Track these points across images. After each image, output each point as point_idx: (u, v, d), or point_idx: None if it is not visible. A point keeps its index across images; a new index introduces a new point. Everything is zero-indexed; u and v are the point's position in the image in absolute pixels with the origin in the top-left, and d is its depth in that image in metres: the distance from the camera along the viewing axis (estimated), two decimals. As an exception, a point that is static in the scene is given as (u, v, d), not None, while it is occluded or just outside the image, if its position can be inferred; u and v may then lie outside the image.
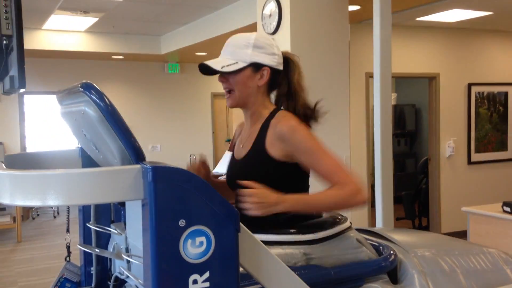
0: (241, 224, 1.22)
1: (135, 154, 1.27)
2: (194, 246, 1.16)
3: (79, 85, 1.30)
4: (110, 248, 1.84)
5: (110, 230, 1.78)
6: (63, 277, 1.91)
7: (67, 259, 1.98)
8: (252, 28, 5.71)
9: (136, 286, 1.59)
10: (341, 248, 1.61)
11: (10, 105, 8.30)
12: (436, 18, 5.90)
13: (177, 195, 1.14)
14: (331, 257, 1.58)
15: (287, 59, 1.76)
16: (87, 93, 1.26)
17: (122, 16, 6.72)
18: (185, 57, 8.86)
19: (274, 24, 4.32)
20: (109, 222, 1.90)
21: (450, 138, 6.67)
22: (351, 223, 1.71)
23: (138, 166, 1.17)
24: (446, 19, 5.93)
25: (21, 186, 1.16)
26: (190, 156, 9.26)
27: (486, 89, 6.92)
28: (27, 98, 8.76)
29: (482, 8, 5.51)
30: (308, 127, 1.68)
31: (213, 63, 1.65)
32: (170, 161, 1.21)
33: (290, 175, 1.65)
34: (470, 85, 6.79)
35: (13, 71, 1.19)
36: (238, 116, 9.32)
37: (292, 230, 1.59)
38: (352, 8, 4.91)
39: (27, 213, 8.41)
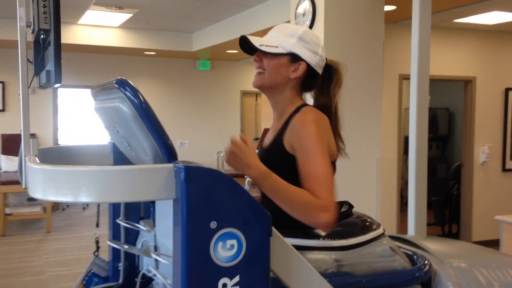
0: (272, 228, 1.18)
1: (168, 152, 1.26)
2: (225, 249, 1.13)
3: (114, 81, 1.29)
4: (139, 244, 1.83)
5: (139, 227, 1.77)
6: (91, 271, 1.91)
7: (96, 253, 1.98)
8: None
9: (164, 284, 1.57)
10: (373, 256, 1.56)
11: (44, 98, 8.46)
12: (475, 20, 5.74)
13: (209, 196, 1.12)
14: (363, 265, 1.53)
15: (332, 68, 1.71)
16: (122, 89, 1.25)
17: (155, 12, 6.76)
18: (215, 55, 8.88)
19: (308, 23, 4.27)
20: (138, 219, 1.89)
21: (485, 143, 6.49)
22: (384, 229, 1.66)
23: (170, 165, 1.15)
24: (484, 21, 5.77)
25: (54, 181, 1.15)
26: (217, 153, 9.29)
27: (524, 94, 6.71)
28: (61, 91, 8.91)
29: (524, 11, 5.34)
30: (324, 127, 1.58)
31: (254, 40, 1.63)
32: (197, 157, 1.19)
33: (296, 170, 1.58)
34: (507, 90, 6.60)
35: (50, 66, 1.19)
36: (267, 114, 9.28)
37: (322, 235, 1.55)
38: (388, 8, 4.81)
39: (57, 204, 8.56)
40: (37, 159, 1.29)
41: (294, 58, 1.63)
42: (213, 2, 6.09)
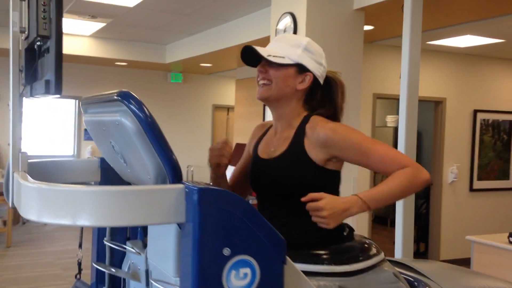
0: (286, 255, 1.11)
1: (173, 171, 1.17)
2: (238, 278, 1.05)
3: (115, 94, 1.20)
4: (125, 267, 1.72)
5: (128, 249, 1.66)
6: (72, 295, 1.79)
7: (78, 276, 1.86)
8: (262, 42, 5.65)
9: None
10: (377, 282, 1.51)
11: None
12: (447, 42, 5.86)
13: (223, 221, 1.04)
14: (367, 291, 1.48)
15: (332, 79, 1.68)
16: (125, 102, 1.16)
17: (130, 23, 6.64)
18: (188, 67, 8.79)
19: (289, 39, 4.24)
20: (125, 239, 1.79)
21: (453, 164, 6.60)
22: (384, 254, 1.61)
23: (180, 186, 1.06)
24: (456, 44, 5.90)
25: (51, 202, 1.05)
26: (187, 167, 9.14)
27: (491, 117, 6.88)
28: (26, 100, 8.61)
29: (495, 36, 5.48)
30: (345, 124, 1.60)
31: (261, 50, 1.57)
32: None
33: (329, 182, 1.59)
34: (476, 112, 6.75)
35: (49, 76, 1.09)
36: (238, 129, 9.17)
37: (325, 258, 1.48)
38: (366, 28, 4.85)
39: (18, 217, 8.22)
40: (28, 176, 1.18)
41: (301, 69, 1.60)
42: (189, 15, 6.02)
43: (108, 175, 1.74)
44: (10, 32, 1.26)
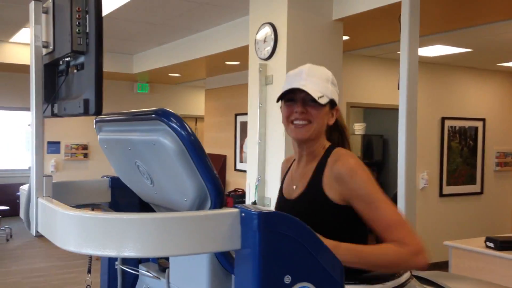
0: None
1: (217, 193, 1.11)
2: (299, 306, 1.00)
3: (153, 112, 1.13)
4: (140, 292, 1.63)
5: (145, 273, 1.57)
6: (81, 324, 1.68)
7: (87, 303, 1.75)
8: (238, 52, 5.60)
9: None
10: (409, 299, 1.48)
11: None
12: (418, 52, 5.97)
13: (284, 246, 0.98)
14: (400, 309, 1.45)
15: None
16: (166, 121, 1.09)
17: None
18: (155, 78, 8.64)
19: (269, 49, 4.23)
20: (137, 262, 1.70)
21: (424, 170, 6.73)
22: (411, 271, 1.59)
23: (236, 210, 1.00)
24: (426, 53, 6.03)
25: (94, 232, 0.97)
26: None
27: (458, 123, 7.07)
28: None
29: (464, 45, 5.64)
30: (367, 168, 1.54)
31: (312, 91, 1.50)
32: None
33: (350, 220, 1.50)
34: (443, 119, 6.92)
35: (88, 94, 1.00)
36: (207, 139, 9.02)
37: (359, 278, 1.45)
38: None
39: (-22, 235, 7.83)
40: (58, 202, 1.09)
41: (332, 104, 1.58)
42: (159, 25, 5.91)
43: (119, 196, 1.65)
44: (32, 47, 1.17)
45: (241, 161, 7.49)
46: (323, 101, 1.52)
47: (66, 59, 1.12)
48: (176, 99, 9.56)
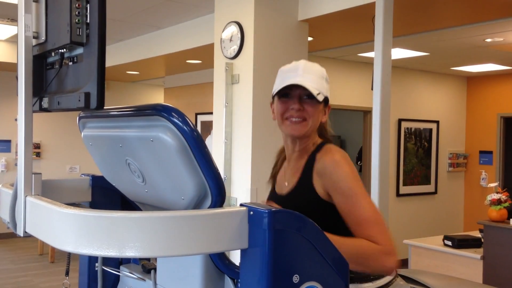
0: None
1: (218, 190, 1.09)
2: (306, 306, 0.99)
3: (152, 107, 1.09)
4: (121, 294, 1.58)
5: (129, 275, 1.52)
6: (59, 329, 1.60)
7: (64, 307, 1.67)
8: (201, 50, 5.54)
9: None
10: (397, 296, 1.50)
11: None
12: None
13: (293, 246, 0.97)
14: (389, 306, 1.47)
15: None
16: (167, 116, 1.06)
17: (54, 27, 6.24)
18: (112, 75, 8.43)
19: (235, 48, 4.21)
20: (118, 264, 1.64)
21: (388, 173, 6.88)
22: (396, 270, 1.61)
23: (244, 208, 0.98)
24: (385, 56, 6.16)
25: (93, 231, 0.92)
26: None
27: (414, 125, 7.28)
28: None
29: (421, 49, 5.81)
30: (351, 162, 1.54)
31: (311, 88, 1.49)
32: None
33: (338, 216, 1.50)
34: (400, 121, 7.11)
35: (89, 87, 0.95)
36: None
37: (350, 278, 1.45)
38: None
39: None
40: (52, 201, 1.03)
41: (326, 102, 1.58)
42: (118, 21, 5.76)
43: (100, 195, 1.60)
44: (21, 37, 1.10)
45: (201, 161, 7.43)
46: (320, 98, 1.51)
47: (60, 50, 1.06)
48: (134, 97, 9.36)
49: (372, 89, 2.56)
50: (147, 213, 0.94)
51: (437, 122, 7.55)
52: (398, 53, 6.01)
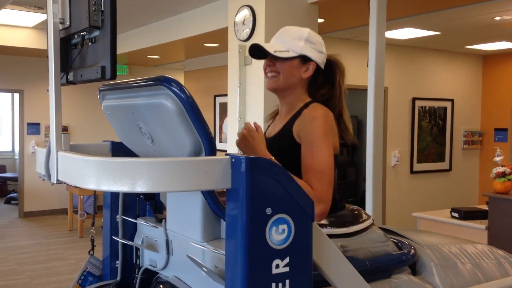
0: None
1: (210, 146, 1.34)
2: (278, 233, 1.24)
3: (156, 78, 1.35)
4: (139, 241, 1.86)
5: (144, 224, 1.80)
6: (87, 270, 1.90)
7: (91, 252, 1.97)
8: (218, 33, 5.78)
9: (170, 278, 1.63)
10: (371, 241, 1.74)
11: None
12: (388, 35, 6.24)
13: (265, 185, 1.22)
14: (363, 250, 1.71)
15: (332, 61, 1.84)
16: (168, 85, 1.31)
17: (78, 14, 6.54)
18: (134, 59, 8.74)
19: (248, 31, 4.43)
20: (135, 217, 1.92)
21: (396, 148, 7.06)
22: (373, 219, 1.85)
23: (227, 157, 1.23)
24: (397, 36, 6.30)
25: (111, 172, 1.19)
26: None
27: (428, 104, 7.40)
28: None
29: (432, 28, 5.92)
30: (331, 124, 1.70)
31: (267, 46, 1.73)
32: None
33: None
34: (414, 100, 7.24)
35: (104, 62, 1.21)
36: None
37: (327, 223, 1.70)
38: (318, 20, 5.11)
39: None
40: (79, 153, 1.30)
41: (304, 59, 1.77)
42: (138, 7, 6.03)
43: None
44: (50, 23, 1.37)
45: (220, 141, 7.70)
46: (284, 54, 1.72)
47: (82, 33, 1.32)
48: (156, 81, 9.66)
49: (367, 66, 2.77)
50: (152, 158, 1.20)
51: (452, 100, 7.65)
52: (410, 33, 6.14)
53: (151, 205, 1.92)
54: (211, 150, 1.34)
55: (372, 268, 1.66)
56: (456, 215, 4.90)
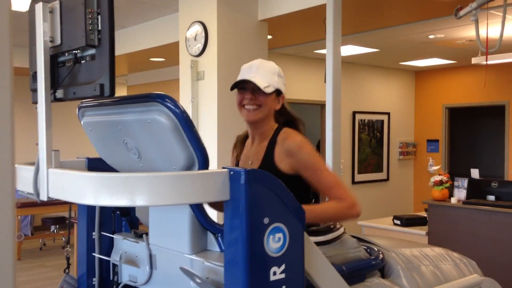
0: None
1: (204, 159, 1.39)
2: (274, 241, 1.31)
3: (149, 95, 1.38)
4: (117, 257, 1.86)
5: (127, 240, 1.81)
6: (62, 289, 1.87)
7: (66, 271, 1.94)
8: (165, 48, 5.79)
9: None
10: (346, 248, 1.85)
11: None
12: (331, 51, 6.51)
13: (263, 195, 1.29)
14: (339, 256, 1.81)
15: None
16: (161, 101, 1.35)
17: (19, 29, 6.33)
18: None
19: (200, 46, 4.49)
20: (112, 233, 1.92)
21: (340, 160, 7.31)
22: (344, 228, 1.95)
23: (225, 170, 1.29)
24: (339, 52, 6.57)
25: (110, 187, 1.21)
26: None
27: (367, 117, 7.74)
28: None
29: (371, 46, 6.24)
30: (310, 144, 1.88)
31: (258, 82, 1.81)
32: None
33: (297, 187, 1.82)
34: (354, 113, 7.55)
35: (103, 80, 1.23)
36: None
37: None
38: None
39: None
40: (72, 170, 1.31)
41: (278, 93, 1.91)
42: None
43: (96, 174, 1.86)
44: (40, 41, 1.37)
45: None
46: (268, 90, 1.86)
47: (74, 51, 1.34)
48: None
49: (325, 82, 2.91)
50: (153, 172, 1.24)
51: (388, 113, 8.04)
52: (351, 50, 6.43)
53: (127, 221, 1.93)
54: (205, 163, 1.39)
55: (348, 273, 1.75)
56: (398, 222, 5.16)
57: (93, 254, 1.86)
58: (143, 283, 1.73)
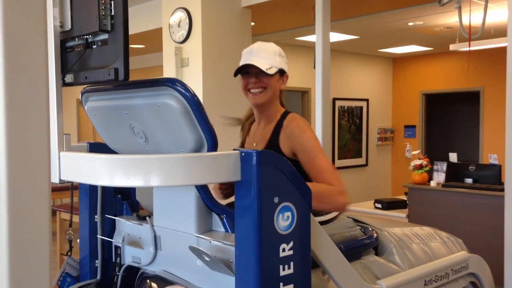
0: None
1: (213, 141, 1.44)
2: (283, 220, 1.36)
3: (159, 79, 1.41)
4: (119, 239, 1.89)
5: (128, 222, 1.84)
6: (65, 271, 1.90)
7: (69, 253, 1.96)
8: (141, 36, 5.75)
9: (158, 272, 1.70)
10: (343, 227, 1.92)
11: None
12: (312, 38, 6.56)
13: (273, 176, 1.34)
14: (337, 235, 1.88)
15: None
16: (172, 85, 1.39)
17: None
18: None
19: (184, 33, 4.49)
20: (113, 216, 1.95)
21: (331, 145, 7.42)
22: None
23: (237, 151, 1.33)
24: (319, 39, 6.64)
25: (125, 168, 1.25)
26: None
27: (346, 104, 7.85)
28: None
29: (352, 33, 6.32)
30: (312, 130, 1.91)
31: (260, 65, 1.84)
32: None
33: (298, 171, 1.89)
34: (334, 100, 7.65)
35: (117, 64, 1.25)
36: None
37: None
38: (249, 23, 5.28)
39: None
40: (86, 152, 1.34)
41: (281, 72, 1.94)
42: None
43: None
44: (50, 26, 1.38)
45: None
46: (271, 71, 1.88)
47: (85, 36, 1.36)
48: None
49: (314, 68, 2.96)
50: (167, 154, 1.27)
51: (367, 100, 8.17)
52: (332, 37, 6.49)
53: (128, 204, 1.96)
54: (214, 145, 1.44)
55: (345, 251, 1.82)
56: (379, 205, 5.29)
57: (97, 236, 1.89)
58: (147, 264, 1.77)
